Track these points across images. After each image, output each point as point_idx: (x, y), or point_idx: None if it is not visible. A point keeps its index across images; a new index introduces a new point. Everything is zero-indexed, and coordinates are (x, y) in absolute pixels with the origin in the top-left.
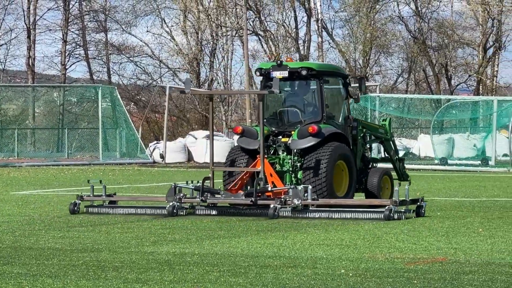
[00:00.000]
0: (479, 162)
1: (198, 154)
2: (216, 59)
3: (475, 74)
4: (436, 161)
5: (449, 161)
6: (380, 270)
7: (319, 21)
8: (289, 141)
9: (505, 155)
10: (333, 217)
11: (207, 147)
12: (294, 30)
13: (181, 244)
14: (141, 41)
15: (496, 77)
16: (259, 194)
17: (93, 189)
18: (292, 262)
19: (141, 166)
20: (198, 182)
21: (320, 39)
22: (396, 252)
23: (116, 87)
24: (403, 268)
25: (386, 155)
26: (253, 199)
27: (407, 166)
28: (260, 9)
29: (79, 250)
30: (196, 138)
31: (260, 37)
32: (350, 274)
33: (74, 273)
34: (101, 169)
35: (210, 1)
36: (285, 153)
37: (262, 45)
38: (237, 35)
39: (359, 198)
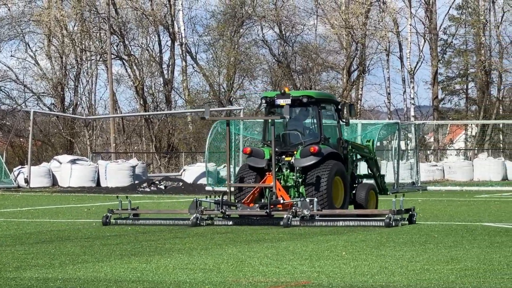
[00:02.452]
0: None
1: (62, 178)
2: (81, 84)
3: (339, 98)
4: None
5: None
6: None
7: (183, 45)
8: (293, 160)
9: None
10: (338, 225)
11: (71, 172)
12: (158, 54)
13: (44, 269)
14: (5, 65)
15: (361, 100)
16: (272, 206)
17: (121, 204)
18: (156, 286)
19: (5, 191)
20: (215, 197)
21: (184, 63)
22: (259, 276)
23: None
24: None
25: (370, 171)
26: (267, 210)
27: None
28: (124, 33)
29: None
30: (60, 163)
31: (124, 61)
32: None
33: None
34: None
35: (74, 26)
36: (288, 170)
37: (126, 69)
38: (101, 59)
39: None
